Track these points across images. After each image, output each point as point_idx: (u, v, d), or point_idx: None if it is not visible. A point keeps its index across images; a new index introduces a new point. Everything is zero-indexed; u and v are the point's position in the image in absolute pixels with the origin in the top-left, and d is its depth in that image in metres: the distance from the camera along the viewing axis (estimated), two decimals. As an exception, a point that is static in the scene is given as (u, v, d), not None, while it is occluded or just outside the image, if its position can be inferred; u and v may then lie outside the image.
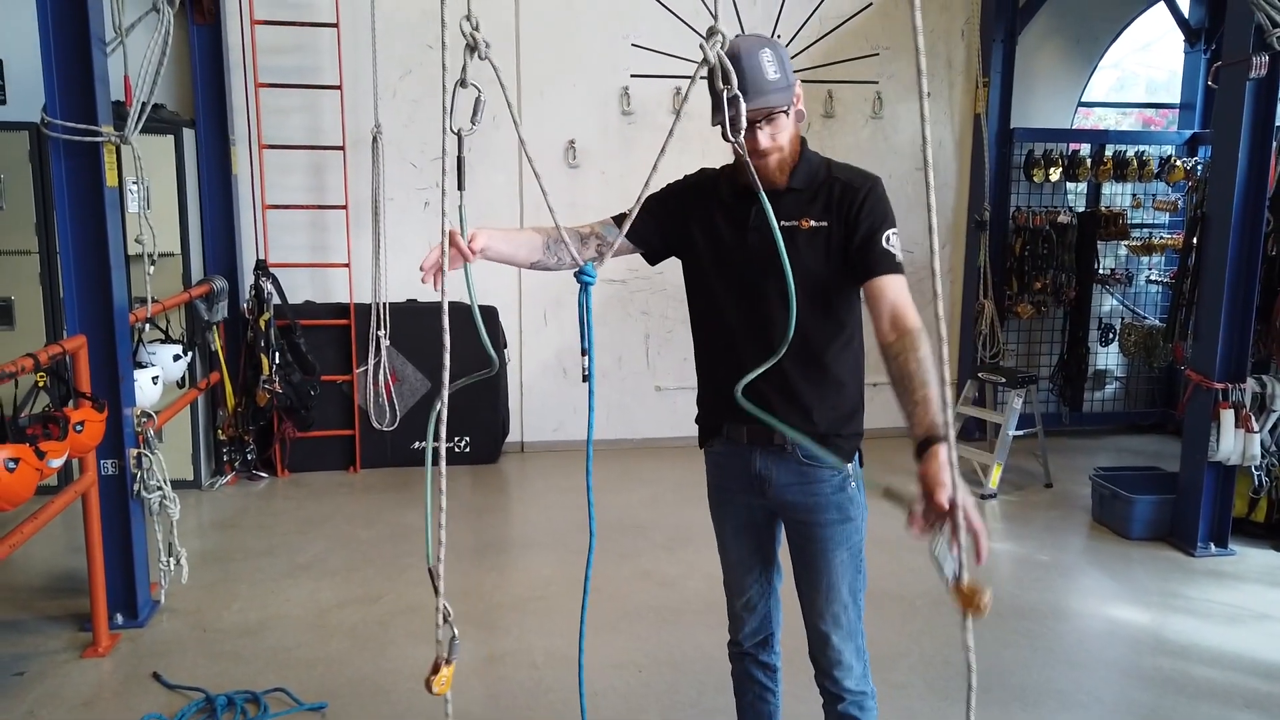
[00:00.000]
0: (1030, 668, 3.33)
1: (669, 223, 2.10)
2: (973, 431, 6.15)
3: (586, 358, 1.63)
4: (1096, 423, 6.60)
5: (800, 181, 1.99)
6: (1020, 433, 5.34)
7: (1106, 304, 6.49)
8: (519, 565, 4.24)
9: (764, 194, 1.64)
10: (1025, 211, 6.13)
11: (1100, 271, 6.32)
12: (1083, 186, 6.41)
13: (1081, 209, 6.32)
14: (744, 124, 1.42)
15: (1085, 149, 6.20)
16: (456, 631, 1.39)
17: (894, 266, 1.91)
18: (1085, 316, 6.29)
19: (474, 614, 3.72)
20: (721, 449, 2.18)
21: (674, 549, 4.38)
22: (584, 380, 1.66)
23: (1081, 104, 6.64)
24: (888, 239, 1.92)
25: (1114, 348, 6.51)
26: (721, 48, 1.31)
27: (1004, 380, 5.43)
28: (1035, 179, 6.12)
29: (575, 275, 1.56)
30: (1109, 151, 6.16)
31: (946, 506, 1.47)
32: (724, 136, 1.45)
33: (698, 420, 2.23)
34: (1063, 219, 6.08)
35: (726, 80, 1.35)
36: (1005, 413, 5.30)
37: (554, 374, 5.94)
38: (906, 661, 3.35)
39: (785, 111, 1.92)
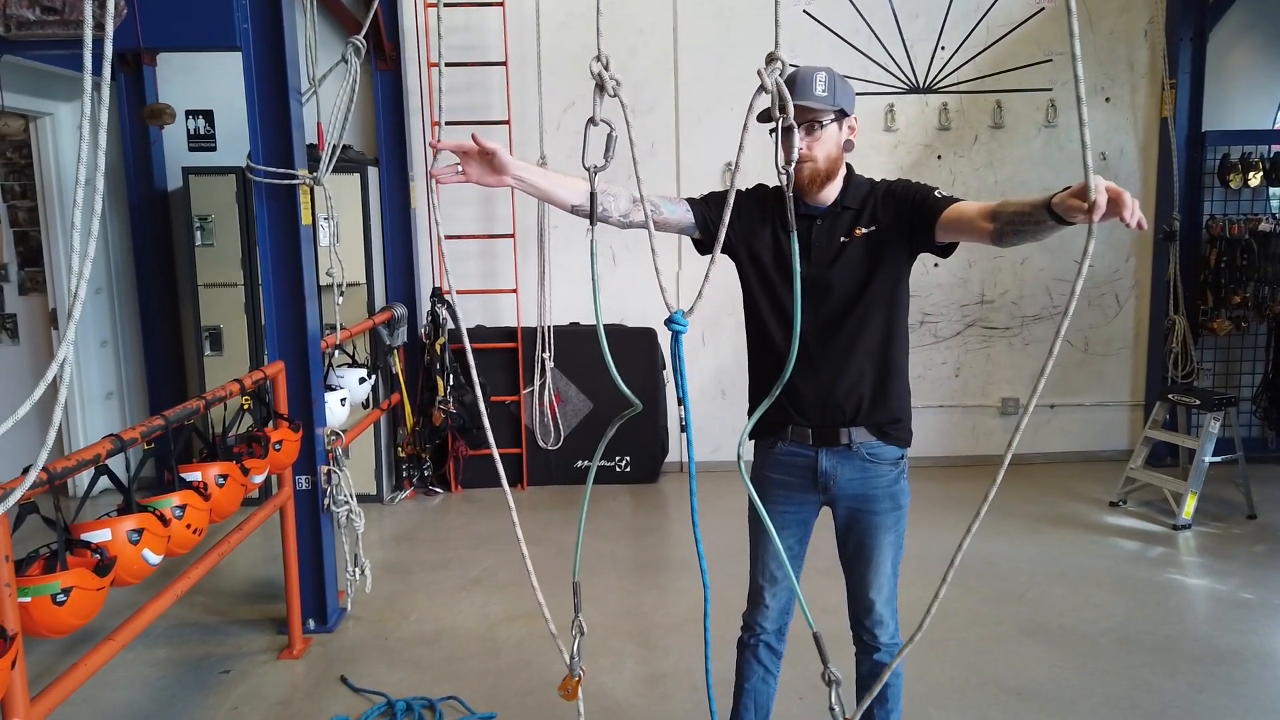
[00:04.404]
0: (1229, 716, 3.06)
1: (739, 222, 2.27)
2: (1164, 457, 5.72)
3: (683, 407, 1.59)
4: (1309, 449, 6.01)
5: (852, 200, 2.21)
6: (1218, 459, 4.93)
7: (1319, 318, 5.91)
8: (678, 585, 4.27)
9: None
10: (1221, 220, 5.69)
11: (1311, 283, 5.78)
12: (1288, 191, 5.89)
13: (1287, 215, 5.81)
14: (794, 154, 1.38)
15: (1290, 151, 5.70)
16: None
17: (957, 199, 2.07)
18: (1294, 333, 5.76)
19: (635, 633, 3.78)
20: (783, 449, 2.34)
21: (835, 574, 4.25)
22: (681, 430, 1.68)
23: (1285, 102, 6.11)
24: (939, 191, 2.12)
25: (1329, 366, 5.92)
26: (781, 75, 1.33)
27: (1198, 402, 5.03)
28: (1232, 185, 5.66)
29: (665, 323, 1.50)
30: (1319, 152, 5.64)
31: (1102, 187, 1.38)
32: (776, 165, 1.41)
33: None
34: (1265, 227, 5.59)
35: (783, 109, 1.34)
36: (1200, 437, 4.90)
37: (712, 395, 5.95)
38: (1088, 702, 3.15)
39: (822, 123, 2.11)
